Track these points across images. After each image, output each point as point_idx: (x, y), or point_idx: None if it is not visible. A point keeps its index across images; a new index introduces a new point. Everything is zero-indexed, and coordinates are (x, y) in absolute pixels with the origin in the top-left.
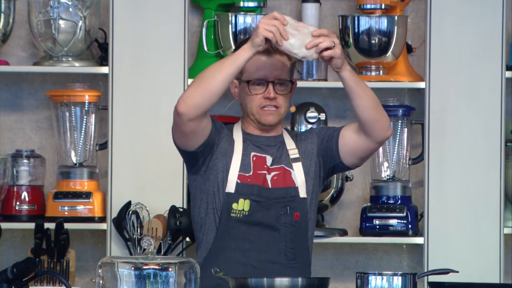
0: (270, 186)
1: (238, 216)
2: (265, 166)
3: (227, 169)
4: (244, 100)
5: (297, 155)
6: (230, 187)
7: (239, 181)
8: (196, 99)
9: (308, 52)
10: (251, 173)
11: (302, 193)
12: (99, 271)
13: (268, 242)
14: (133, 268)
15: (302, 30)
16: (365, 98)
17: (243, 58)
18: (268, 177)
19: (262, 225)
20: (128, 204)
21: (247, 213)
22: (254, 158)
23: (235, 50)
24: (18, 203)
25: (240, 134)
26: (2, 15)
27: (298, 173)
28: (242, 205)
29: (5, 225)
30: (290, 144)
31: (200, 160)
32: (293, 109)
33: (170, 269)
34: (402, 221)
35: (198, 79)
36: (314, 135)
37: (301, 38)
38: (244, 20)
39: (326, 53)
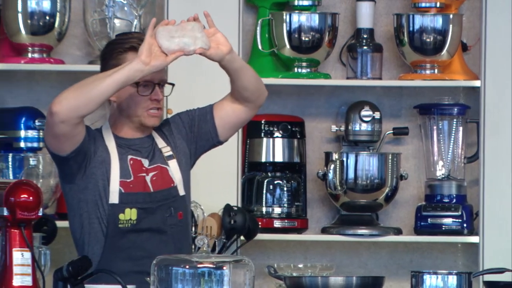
0: (151, 190)
1: (127, 226)
2: (143, 168)
3: (107, 178)
4: (126, 103)
5: (171, 153)
6: (114, 198)
7: (122, 190)
8: (72, 101)
9: (201, 43)
10: (132, 179)
11: (181, 191)
12: (154, 269)
13: (159, 247)
14: (187, 267)
15: (185, 27)
16: (248, 69)
17: (137, 76)
18: (148, 179)
19: (151, 230)
20: None
21: (135, 221)
22: (132, 162)
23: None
24: None
25: (112, 139)
26: (58, 14)
27: (174, 171)
28: (129, 215)
29: (60, 224)
30: (160, 143)
31: (73, 167)
32: (170, 111)
33: (224, 268)
34: (457, 220)
35: (80, 83)
36: (180, 126)
37: (190, 35)
38: (298, 19)
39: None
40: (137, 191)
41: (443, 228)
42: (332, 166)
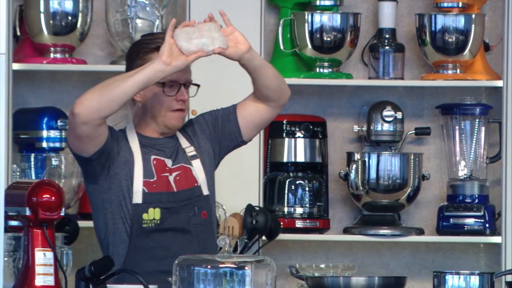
0: (175, 190)
1: (150, 225)
2: (167, 168)
3: (130, 178)
4: (151, 102)
5: (194, 152)
6: (137, 198)
7: (145, 190)
8: (93, 102)
9: (219, 42)
10: (155, 178)
11: (205, 191)
12: (176, 269)
13: (183, 246)
14: (209, 267)
15: (203, 28)
16: (269, 67)
17: (159, 77)
18: (171, 178)
19: (175, 230)
20: None
21: (158, 221)
22: (155, 162)
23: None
24: None
25: (136, 138)
26: (80, 14)
27: (198, 170)
28: (153, 214)
29: (82, 223)
30: (184, 143)
31: (96, 168)
32: (194, 112)
33: (246, 268)
34: (479, 220)
35: (102, 84)
36: (204, 126)
37: (207, 35)
38: (320, 19)
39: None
40: (160, 191)
41: (465, 228)
42: (354, 166)
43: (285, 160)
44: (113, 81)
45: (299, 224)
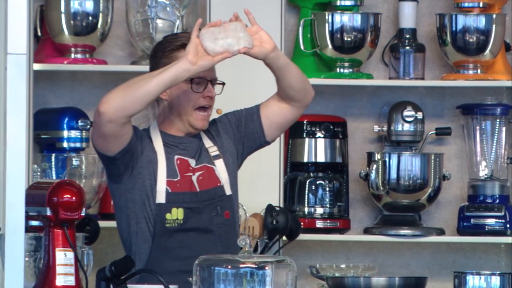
0: (198, 189)
1: (173, 225)
2: (190, 168)
3: (154, 177)
4: (178, 100)
5: (217, 152)
6: (160, 197)
7: (169, 190)
8: (119, 101)
9: (244, 42)
10: (179, 178)
11: (228, 191)
12: (196, 269)
13: (205, 246)
14: (229, 267)
15: (228, 27)
16: (293, 67)
17: (184, 76)
18: (194, 178)
19: (197, 230)
20: None
21: (181, 221)
22: (178, 162)
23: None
24: None
25: (160, 138)
26: (101, 14)
27: (221, 170)
28: (176, 214)
29: (103, 224)
30: (207, 142)
31: (120, 167)
32: (220, 111)
33: (266, 268)
34: (500, 221)
35: (127, 82)
36: (227, 126)
37: (233, 35)
38: (340, 19)
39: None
40: (183, 191)
41: (486, 229)
42: (375, 166)
43: (305, 160)
44: (138, 80)
45: (319, 224)
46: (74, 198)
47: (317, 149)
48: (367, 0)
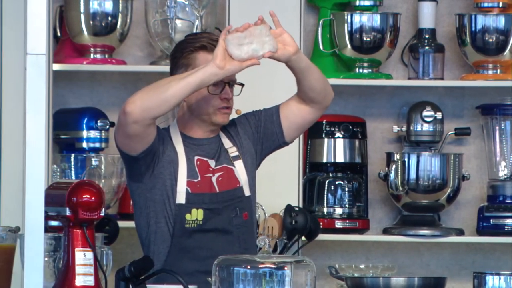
0: (217, 190)
1: (193, 226)
2: (210, 169)
3: (175, 177)
4: (196, 102)
5: (237, 153)
6: (180, 198)
7: (189, 190)
8: (145, 102)
9: (269, 46)
10: (199, 179)
11: (247, 192)
12: (215, 270)
13: (224, 247)
14: (249, 267)
15: (253, 32)
16: (314, 69)
17: (212, 80)
18: (213, 179)
19: (216, 230)
20: None
21: (201, 222)
22: (198, 162)
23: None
24: None
25: (180, 138)
26: (120, 15)
27: (240, 171)
28: (196, 215)
29: (122, 224)
30: (227, 143)
31: (142, 167)
32: (239, 112)
33: (285, 268)
34: None
35: (154, 84)
36: (246, 126)
37: (258, 40)
38: (360, 19)
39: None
40: (203, 192)
41: (506, 229)
42: (394, 166)
43: (324, 160)
44: (165, 82)
45: (338, 224)
46: (93, 198)
47: (336, 149)
48: (386, 0)
